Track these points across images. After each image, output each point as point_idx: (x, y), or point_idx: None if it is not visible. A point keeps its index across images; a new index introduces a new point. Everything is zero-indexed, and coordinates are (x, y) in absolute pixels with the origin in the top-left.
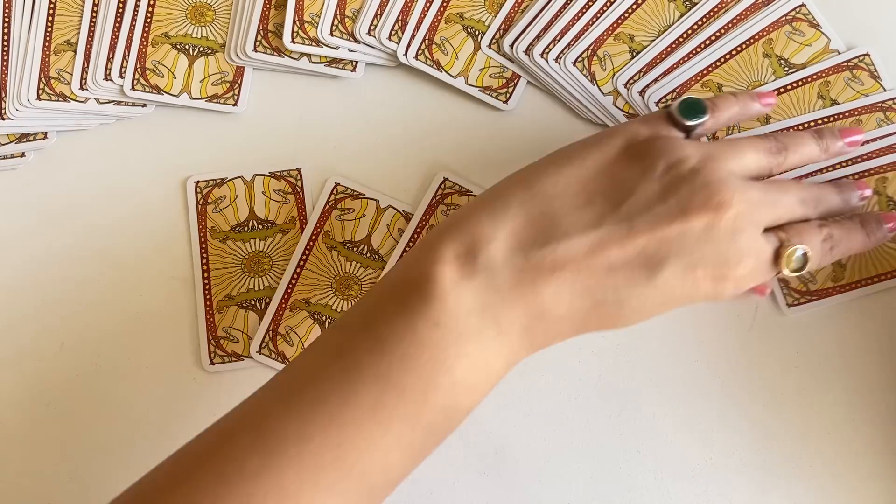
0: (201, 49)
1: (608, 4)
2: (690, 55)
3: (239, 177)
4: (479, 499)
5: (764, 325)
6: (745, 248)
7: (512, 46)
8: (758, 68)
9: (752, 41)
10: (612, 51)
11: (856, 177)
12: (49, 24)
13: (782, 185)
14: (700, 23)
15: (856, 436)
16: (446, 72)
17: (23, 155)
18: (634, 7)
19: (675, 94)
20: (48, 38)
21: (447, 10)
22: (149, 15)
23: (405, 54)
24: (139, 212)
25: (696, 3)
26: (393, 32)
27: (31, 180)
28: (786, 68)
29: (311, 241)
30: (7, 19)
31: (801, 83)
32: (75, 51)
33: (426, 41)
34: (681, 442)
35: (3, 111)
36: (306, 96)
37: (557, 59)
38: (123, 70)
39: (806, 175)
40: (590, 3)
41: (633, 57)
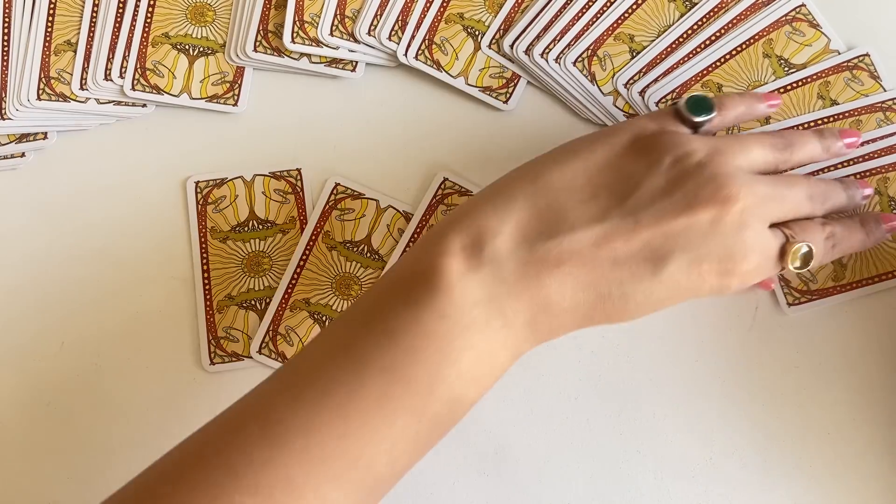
0: (201, 49)
1: (608, 4)
2: (690, 55)
3: (239, 177)
4: (479, 499)
5: (764, 325)
6: (752, 242)
7: (512, 46)
8: (758, 68)
9: (752, 41)
10: (612, 51)
11: (857, 177)
12: (49, 24)
13: (790, 180)
14: (700, 23)
15: (856, 436)
16: (446, 72)
17: (23, 155)
18: (634, 7)
19: (675, 94)
20: (48, 38)
21: (447, 11)
22: (149, 15)
23: (405, 54)
24: (139, 212)
25: (696, 3)
26: (393, 32)
27: (31, 180)
28: (786, 68)
29: (311, 241)
30: (7, 19)
31: (800, 83)
32: (75, 51)
33: (426, 41)
34: (681, 442)
35: (3, 111)
36: (306, 96)
37: (557, 59)
38: (123, 70)
39: (809, 174)
40: (590, 3)
41: (633, 57)
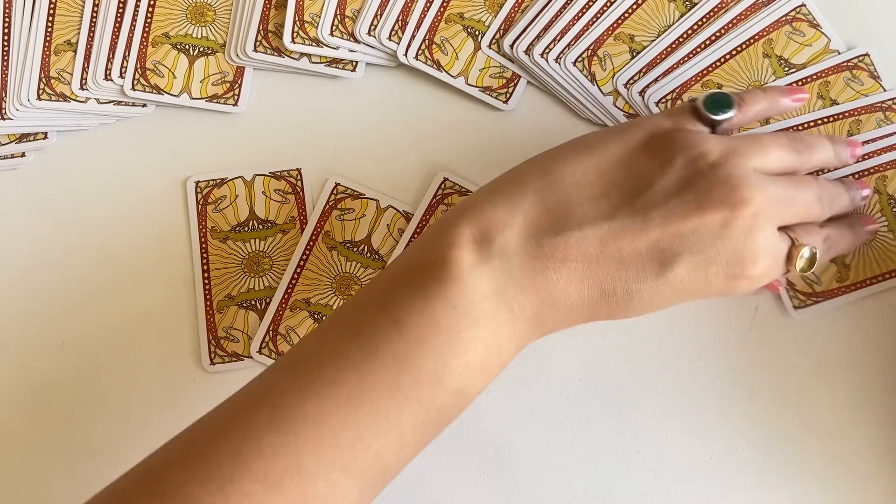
0: (201, 49)
1: (608, 4)
2: (690, 55)
3: (239, 177)
4: (479, 499)
5: (764, 325)
6: (762, 246)
7: (512, 46)
8: (758, 68)
9: (752, 41)
10: (612, 51)
11: (856, 176)
12: (49, 24)
13: (801, 182)
14: (700, 23)
15: (856, 436)
16: (446, 72)
17: (23, 155)
18: (634, 7)
19: (675, 94)
20: (48, 38)
21: (447, 10)
22: (149, 15)
23: (405, 54)
24: (139, 212)
25: (696, 3)
26: (393, 32)
27: (31, 180)
28: (786, 68)
29: (312, 241)
30: (7, 19)
31: (800, 83)
32: (75, 51)
33: (426, 41)
34: (681, 442)
35: (3, 111)
36: (306, 96)
37: (557, 59)
38: (123, 70)
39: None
40: (590, 3)
41: (633, 57)
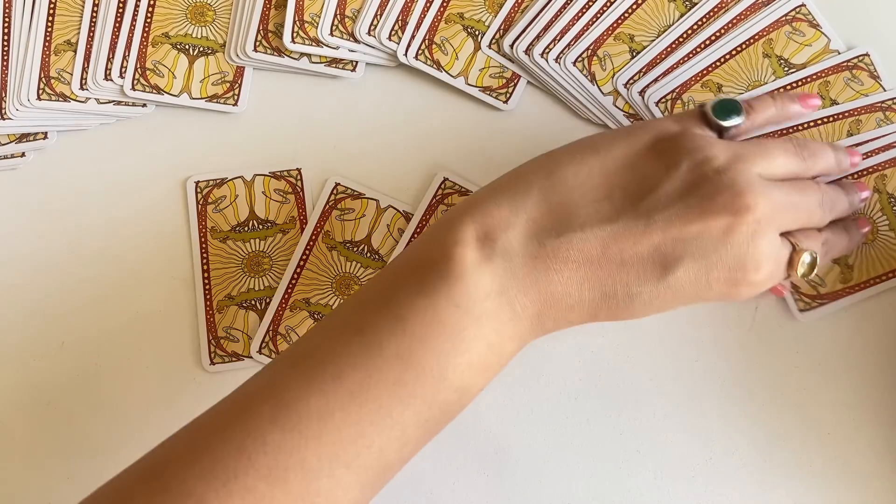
0: (201, 49)
1: (608, 4)
2: (690, 55)
3: (239, 177)
4: (479, 499)
5: (764, 326)
6: (765, 252)
7: (512, 46)
8: (758, 68)
9: (752, 41)
10: (612, 51)
11: (854, 176)
12: (49, 24)
13: (803, 187)
14: (700, 23)
15: (856, 435)
16: (446, 72)
17: (23, 155)
18: (634, 7)
19: (674, 93)
20: (48, 38)
21: (447, 10)
22: (149, 15)
23: (405, 54)
24: (139, 212)
25: (696, 3)
26: (393, 32)
27: (31, 180)
28: (786, 68)
29: (312, 241)
30: (7, 19)
31: (800, 83)
32: (75, 51)
33: (426, 41)
34: (681, 442)
35: (3, 111)
36: (306, 96)
37: (557, 59)
38: (123, 70)
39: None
40: (590, 3)
41: (633, 57)
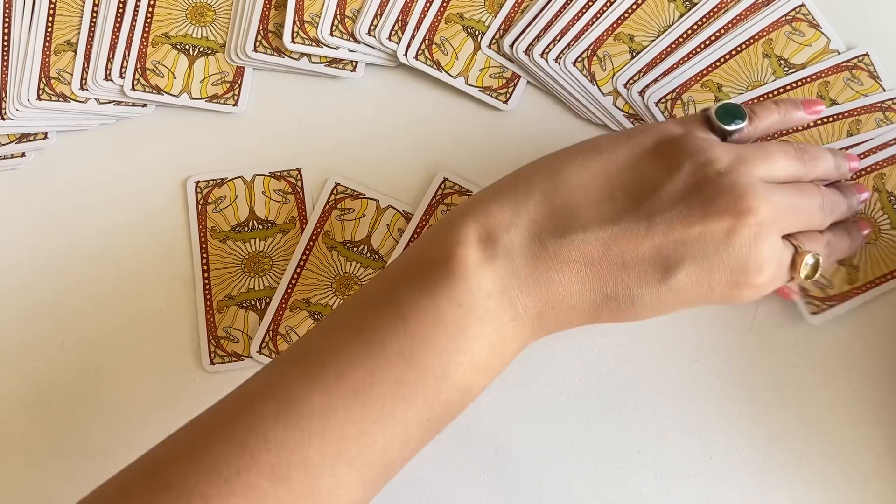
0: (201, 49)
1: (608, 4)
2: (690, 55)
3: (239, 177)
4: (479, 499)
5: (764, 326)
6: (767, 255)
7: (512, 46)
8: (758, 68)
9: (752, 41)
10: (612, 51)
11: (853, 177)
12: (49, 24)
13: (804, 190)
14: (700, 23)
15: (856, 435)
16: (446, 72)
17: (23, 155)
18: (634, 7)
19: (674, 93)
20: (48, 38)
21: (447, 11)
22: (149, 15)
23: (405, 54)
24: (139, 212)
25: (696, 3)
26: (393, 32)
27: (31, 180)
28: (785, 68)
29: (311, 241)
30: (7, 19)
31: (800, 83)
32: (75, 51)
33: (426, 41)
34: (681, 442)
35: (3, 111)
36: (306, 96)
37: (557, 59)
38: (123, 70)
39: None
40: (590, 3)
41: (633, 57)
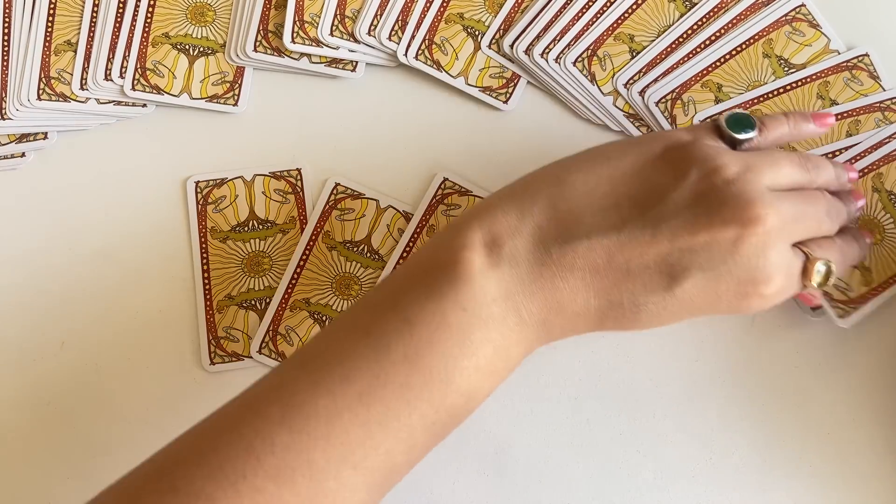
0: (201, 49)
1: (608, 4)
2: (690, 55)
3: (239, 177)
4: (479, 499)
5: (764, 326)
6: (776, 264)
7: (512, 46)
8: (758, 68)
9: (752, 41)
10: (612, 51)
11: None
12: (49, 24)
13: (810, 197)
14: (700, 23)
15: (856, 436)
16: (446, 72)
17: (23, 155)
18: (634, 7)
19: (674, 93)
20: (48, 38)
21: (447, 11)
22: (149, 15)
23: (405, 54)
24: (139, 212)
25: (696, 3)
26: (393, 32)
27: (31, 180)
28: (785, 68)
29: (311, 241)
30: (7, 19)
31: (800, 83)
32: (75, 51)
33: (426, 41)
34: (681, 442)
35: (3, 111)
36: (306, 96)
37: (557, 59)
38: (124, 70)
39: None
40: (590, 3)
41: (633, 57)
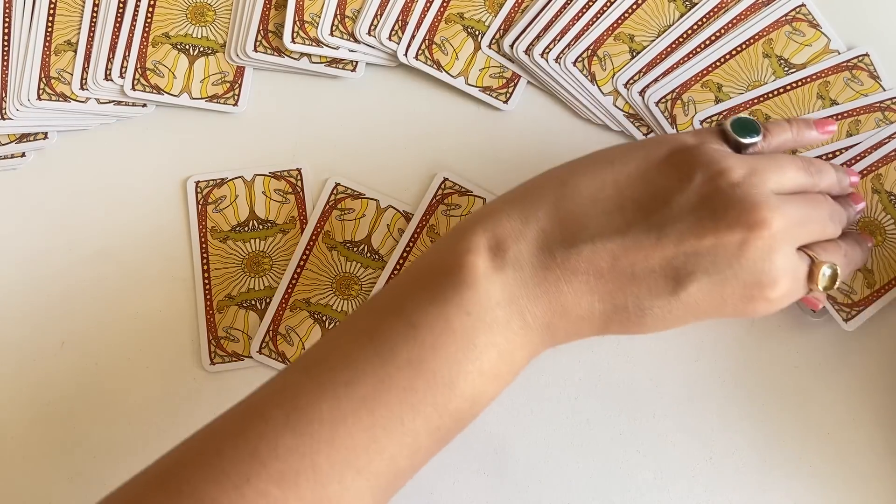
0: (201, 49)
1: (608, 4)
2: (690, 55)
3: (239, 177)
4: (479, 499)
5: (764, 326)
6: (782, 267)
7: (512, 46)
8: (758, 68)
9: (752, 41)
10: (612, 51)
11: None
12: (49, 24)
13: (814, 201)
14: (700, 23)
15: (856, 436)
16: (446, 72)
17: (23, 155)
18: (634, 7)
19: (674, 93)
20: (48, 38)
21: (447, 10)
22: (149, 15)
23: (405, 54)
24: (139, 212)
25: (696, 3)
26: (393, 32)
27: (31, 180)
28: (786, 68)
29: (312, 241)
30: (7, 19)
31: (800, 83)
32: (75, 51)
33: (426, 41)
34: (681, 442)
35: (3, 111)
36: (306, 96)
37: (557, 59)
38: (124, 70)
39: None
40: (590, 3)
41: (633, 57)
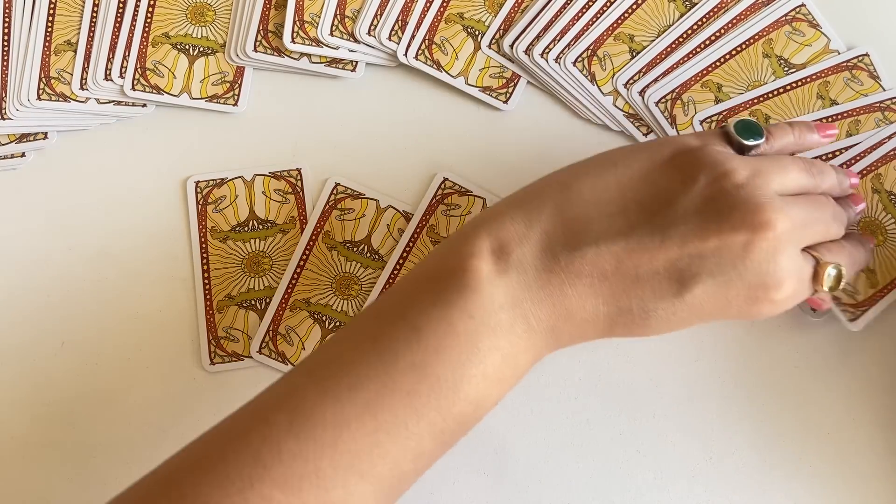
0: (201, 49)
1: (608, 4)
2: (690, 55)
3: (239, 177)
4: (479, 499)
5: (764, 326)
6: (786, 269)
7: (512, 46)
8: (758, 68)
9: (752, 41)
10: (612, 51)
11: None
12: (49, 24)
13: (817, 202)
14: (700, 23)
15: (856, 435)
16: (446, 72)
17: (23, 155)
18: (634, 7)
19: (674, 93)
20: (48, 38)
21: (447, 10)
22: (149, 15)
23: (405, 54)
24: (139, 212)
25: (696, 3)
26: (393, 32)
27: (31, 180)
28: (785, 68)
29: (311, 241)
30: (7, 19)
31: (800, 83)
32: (75, 51)
33: (426, 41)
34: (681, 442)
35: (3, 111)
36: (306, 96)
37: (557, 59)
38: (123, 70)
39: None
40: (590, 3)
41: (633, 57)
